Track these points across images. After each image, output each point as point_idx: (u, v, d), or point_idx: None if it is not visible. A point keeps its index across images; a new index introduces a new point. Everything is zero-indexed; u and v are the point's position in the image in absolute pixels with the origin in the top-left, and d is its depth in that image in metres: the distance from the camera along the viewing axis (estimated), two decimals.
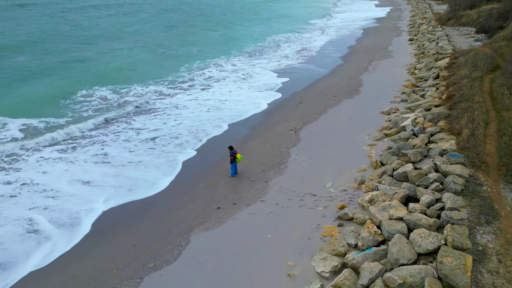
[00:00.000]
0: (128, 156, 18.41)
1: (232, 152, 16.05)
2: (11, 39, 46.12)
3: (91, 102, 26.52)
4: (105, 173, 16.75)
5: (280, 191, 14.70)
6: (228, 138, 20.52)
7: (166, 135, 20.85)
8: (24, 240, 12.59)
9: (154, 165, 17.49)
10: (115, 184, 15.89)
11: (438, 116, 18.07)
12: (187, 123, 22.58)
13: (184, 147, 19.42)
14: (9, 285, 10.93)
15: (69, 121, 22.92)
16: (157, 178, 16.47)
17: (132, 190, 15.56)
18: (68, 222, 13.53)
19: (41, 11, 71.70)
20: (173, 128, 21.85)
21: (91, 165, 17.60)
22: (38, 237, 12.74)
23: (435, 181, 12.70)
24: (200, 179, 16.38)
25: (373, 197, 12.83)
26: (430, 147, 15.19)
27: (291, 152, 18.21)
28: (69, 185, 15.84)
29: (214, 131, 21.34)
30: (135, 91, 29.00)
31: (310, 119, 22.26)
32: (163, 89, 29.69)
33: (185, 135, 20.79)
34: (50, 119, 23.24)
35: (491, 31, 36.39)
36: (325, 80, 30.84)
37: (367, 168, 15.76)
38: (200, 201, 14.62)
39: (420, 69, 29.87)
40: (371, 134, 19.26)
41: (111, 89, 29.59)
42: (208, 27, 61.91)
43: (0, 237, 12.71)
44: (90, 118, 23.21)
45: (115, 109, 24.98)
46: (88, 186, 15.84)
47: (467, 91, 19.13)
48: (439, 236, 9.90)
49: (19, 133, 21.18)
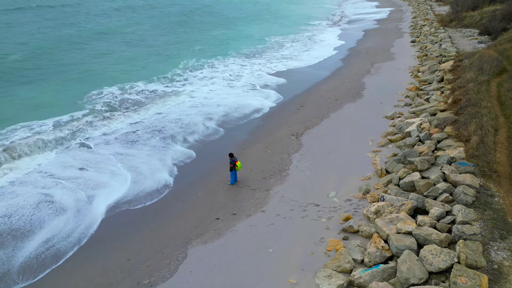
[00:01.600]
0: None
1: (232, 159, 15.47)
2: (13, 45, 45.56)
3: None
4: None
5: (281, 201, 14.12)
6: (227, 143, 19.95)
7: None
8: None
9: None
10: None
11: (444, 121, 17.49)
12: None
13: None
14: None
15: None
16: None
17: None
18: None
19: (41, 13, 71.11)
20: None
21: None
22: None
23: (444, 192, 12.12)
24: (198, 187, 15.80)
25: (379, 208, 12.25)
26: (438, 155, 14.61)
27: (293, 159, 17.63)
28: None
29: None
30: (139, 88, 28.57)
31: (312, 124, 21.70)
32: (156, 87, 29.12)
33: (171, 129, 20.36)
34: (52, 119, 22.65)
35: (494, 33, 35.81)
36: (326, 83, 30.27)
37: (371, 176, 15.18)
38: (198, 211, 14.04)
39: (423, 71, 29.31)
40: (375, 140, 18.69)
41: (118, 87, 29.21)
42: (210, 27, 61.36)
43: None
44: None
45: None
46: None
47: (474, 96, 18.56)
48: (452, 253, 9.32)
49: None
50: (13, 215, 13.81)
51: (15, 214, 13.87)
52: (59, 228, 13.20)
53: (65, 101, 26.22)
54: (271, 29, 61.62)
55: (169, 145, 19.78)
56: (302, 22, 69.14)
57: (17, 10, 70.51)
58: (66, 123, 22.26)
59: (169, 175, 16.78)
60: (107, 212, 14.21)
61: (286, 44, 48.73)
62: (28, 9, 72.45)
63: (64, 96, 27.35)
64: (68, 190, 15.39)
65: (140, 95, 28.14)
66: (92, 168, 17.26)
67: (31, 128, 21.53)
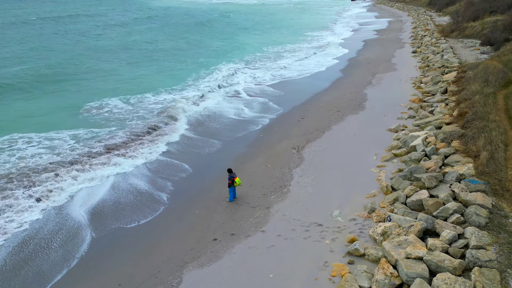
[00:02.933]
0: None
1: (230, 175, 14.81)
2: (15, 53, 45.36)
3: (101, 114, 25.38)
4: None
5: (282, 220, 13.42)
6: (226, 156, 19.28)
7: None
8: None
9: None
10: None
11: (451, 135, 16.88)
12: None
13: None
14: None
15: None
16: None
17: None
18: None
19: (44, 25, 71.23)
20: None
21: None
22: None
23: (455, 212, 11.45)
24: (195, 204, 15.10)
25: (386, 230, 11.56)
26: (446, 171, 13.97)
27: (294, 174, 16.97)
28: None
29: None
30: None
31: (313, 137, 21.08)
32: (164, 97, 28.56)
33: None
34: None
35: (497, 43, 35.44)
36: (327, 94, 29.76)
37: (376, 193, 14.51)
38: (195, 230, 13.32)
39: (426, 83, 28.82)
40: (379, 154, 18.05)
41: (123, 99, 28.80)
42: (211, 37, 61.27)
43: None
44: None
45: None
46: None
47: (481, 109, 17.98)
48: (467, 282, 8.62)
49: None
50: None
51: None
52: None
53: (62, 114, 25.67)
54: (270, 38, 61.46)
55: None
56: (301, 32, 69.04)
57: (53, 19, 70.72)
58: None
59: (162, 191, 16.09)
60: (96, 231, 13.49)
61: (285, 54, 48.40)
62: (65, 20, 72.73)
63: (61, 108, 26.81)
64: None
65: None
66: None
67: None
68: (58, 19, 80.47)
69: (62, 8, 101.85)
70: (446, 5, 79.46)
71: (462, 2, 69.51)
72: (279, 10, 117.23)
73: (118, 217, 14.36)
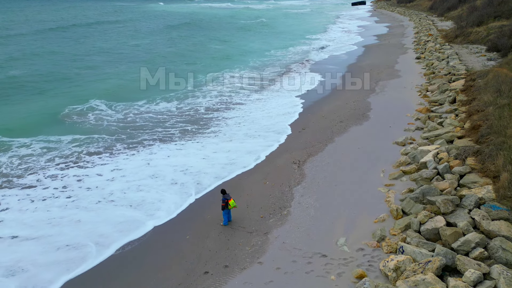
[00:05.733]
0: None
1: (224, 197, 13.46)
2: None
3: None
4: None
5: (282, 249, 12.07)
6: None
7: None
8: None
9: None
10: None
11: (465, 151, 15.54)
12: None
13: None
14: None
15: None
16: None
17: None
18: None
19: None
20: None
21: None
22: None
23: (478, 246, 10.11)
24: (186, 228, 13.76)
25: (399, 265, 10.20)
26: (463, 194, 12.64)
27: (295, 193, 15.63)
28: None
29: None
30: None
31: (315, 150, 19.76)
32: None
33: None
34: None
35: (504, 49, 34.22)
36: (328, 102, 28.48)
37: (386, 217, 13.15)
38: (185, 260, 11.96)
39: (432, 91, 27.54)
40: (386, 171, 16.72)
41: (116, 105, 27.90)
42: (210, 43, 60.15)
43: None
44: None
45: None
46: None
47: (496, 122, 16.67)
48: None
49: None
50: None
51: None
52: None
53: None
54: (270, 43, 60.36)
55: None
56: (301, 37, 67.97)
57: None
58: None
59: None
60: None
61: (283, 58, 47.25)
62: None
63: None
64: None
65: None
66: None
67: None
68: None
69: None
70: (448, 10, 78.48)
71: (464, 7, 68.54)
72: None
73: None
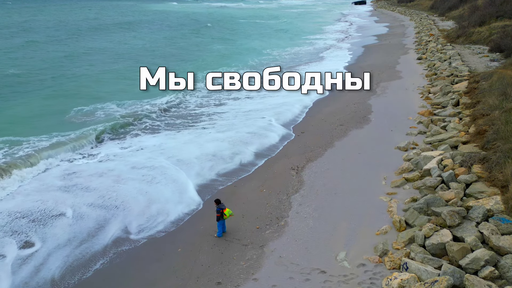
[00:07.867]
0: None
1: (218, 207, 12.79)
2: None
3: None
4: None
5: (279, 264, 11.39)
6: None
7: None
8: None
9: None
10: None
11: (470, 158, 14.87)
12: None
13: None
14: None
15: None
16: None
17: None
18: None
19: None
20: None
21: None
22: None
23: (488, 264, 9.44)
24: (179, 240, 13.08)
25: (403, 284, 9.54)
26: (469, 205, 11.97)
27: (293, 201, 14.96)
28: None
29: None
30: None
31: (314, 155, 19.08)
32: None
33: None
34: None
35: (507, 50, 33.53)
36: (328, 104, 27.79)
37: (388, 229, 12.48)
38: (175, 276, 11.29)
39: (435, 93, 26.85)
40: (388, 178, 16.04)
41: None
42: (209, 42, 59.49)
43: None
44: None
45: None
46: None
47: (503, 127, 15.99)
48: None
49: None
50: None
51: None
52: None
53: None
54: (271, 43, 59.70)
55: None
56: (301, 36, 67.29)
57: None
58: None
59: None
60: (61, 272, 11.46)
61: (285, 56, 46.61)
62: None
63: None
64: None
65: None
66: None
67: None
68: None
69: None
70: (449, 9, 77.81)
71: (465, 6, 67.83)
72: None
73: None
